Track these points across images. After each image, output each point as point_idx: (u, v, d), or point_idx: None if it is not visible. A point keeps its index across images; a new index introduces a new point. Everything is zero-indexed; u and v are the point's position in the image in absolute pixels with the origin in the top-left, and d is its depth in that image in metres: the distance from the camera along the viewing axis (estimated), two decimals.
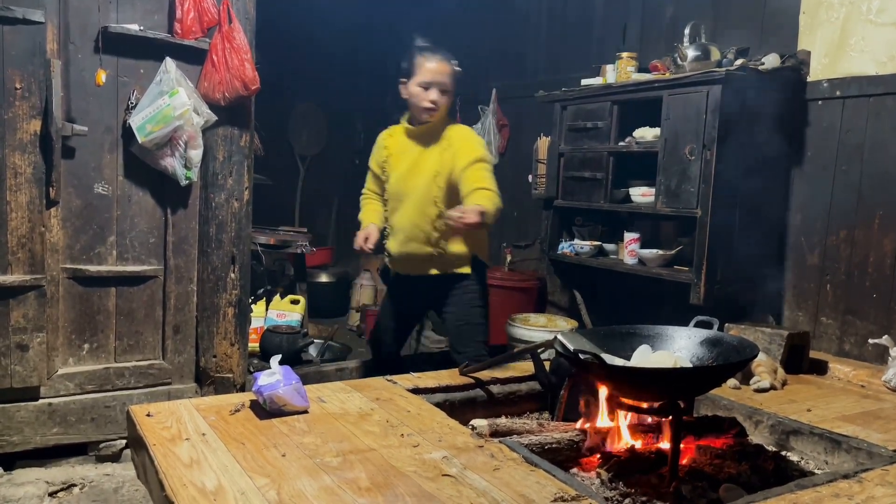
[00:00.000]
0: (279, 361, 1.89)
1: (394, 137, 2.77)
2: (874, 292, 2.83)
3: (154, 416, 1.76)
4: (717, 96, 2.91)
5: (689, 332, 1.94)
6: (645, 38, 3.88)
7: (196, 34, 2.86)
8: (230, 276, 3.08)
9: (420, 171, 2.66)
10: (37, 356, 2.69)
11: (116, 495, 2.62)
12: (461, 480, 1.46)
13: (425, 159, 2.66)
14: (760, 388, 2.27)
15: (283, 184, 5.89)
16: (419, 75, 2.58)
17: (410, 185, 2.67)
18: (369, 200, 2.88)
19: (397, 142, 2.75)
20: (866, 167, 2.86)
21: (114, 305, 2.89)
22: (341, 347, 4.41)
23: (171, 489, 1.38)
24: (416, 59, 2.59)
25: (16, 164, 2.59)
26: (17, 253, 2.62)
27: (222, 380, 3.09)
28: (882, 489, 1.51)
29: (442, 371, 2.31)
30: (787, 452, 1.94)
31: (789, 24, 3.12)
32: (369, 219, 2.78)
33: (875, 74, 2.81)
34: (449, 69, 2.60)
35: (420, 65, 2.58)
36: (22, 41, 2.54)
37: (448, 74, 2.60)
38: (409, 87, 2.63)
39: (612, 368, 1.68)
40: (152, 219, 2.93)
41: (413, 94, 2.62)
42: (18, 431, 2.71)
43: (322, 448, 1.61)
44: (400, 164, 2.72)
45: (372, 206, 2.84)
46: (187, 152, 2.82)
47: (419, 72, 2.58)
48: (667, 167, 3.14)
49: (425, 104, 2.59)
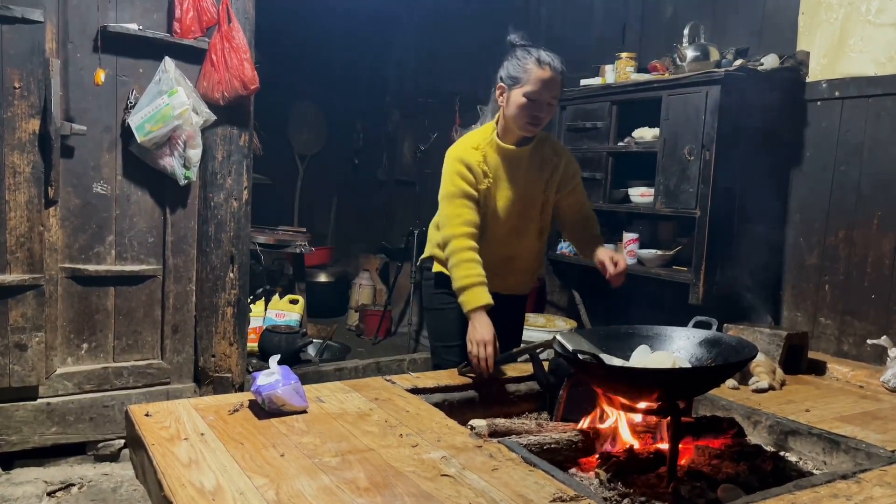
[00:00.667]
0: (278, 361, 1.89)
1: (487, 155, 2.25)
2: (873, 293, 2.83)
3: (152, 415, 1.75)
4: (717, 97, 2.91)
5: (687, 333, 1.94)
6: (644, 38, 3.88)
7: (195, 34, 2.86)
8: (229, 276, 3.08)
9: (529, 191, 2.30)
10: (35, 356, 2.69)
11: (115, 495, 2.62)
12: (460, 480, 1.46)
13: (530, 178, 2.29)
14: (759, 388, 2.27)
15: (282, 183, 5.89)
16: (528, 85, 2.15)
17: (514, 206, 2.28)
18: (471, 252, 2.16)
19: (493, 161, 2.25)
20: (865, 167, 2.86)
21: (112, 305, 2.89)
22: (340, 347, 4.42)
23: (170, 489, 1.38)
24: (526, 65, 2.16)
25: (14, 163, 2.59)
26: (16, 252, 2.62)
27: (221, 379, 3.09)
28: (880, 489, 1.51)
29: (441, 371, 2.30)
30: (786, 453, 1.93)
31: (788, 24, 3.12)
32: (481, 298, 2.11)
33: (874, 75, 2.81)
34: (560, 81, 2.20)
35: (532, 73, 2.14)
36: (21, 40, 2.54)
37: (560, 86, 2.20)
38: (510, 95, 2.20)
39: (610, 369, 1.68)
40: (151, 218, 2.93)
41: (516, 103, 2.18)
42: (17, 431, 2.71)
43: (321, 448, 1.61)
44: (504, 188, 2.26)
45: (477, 269, 2.14)
46: (186, 152, 2.82)
47: (529, 81, 2.15)
48: (666, 167, 3.14)
49: (529, 119, 2.18)
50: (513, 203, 2.27)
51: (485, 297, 2.11)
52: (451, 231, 2.19)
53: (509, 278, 2.39)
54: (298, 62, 5.84)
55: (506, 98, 2.22)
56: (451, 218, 2.20)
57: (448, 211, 2.22)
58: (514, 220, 2.29)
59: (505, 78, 2.22)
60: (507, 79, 2.21)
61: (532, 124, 2.21)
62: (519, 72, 2.17)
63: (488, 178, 2.23)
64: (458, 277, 2.14)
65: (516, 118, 2.20)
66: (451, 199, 2.21)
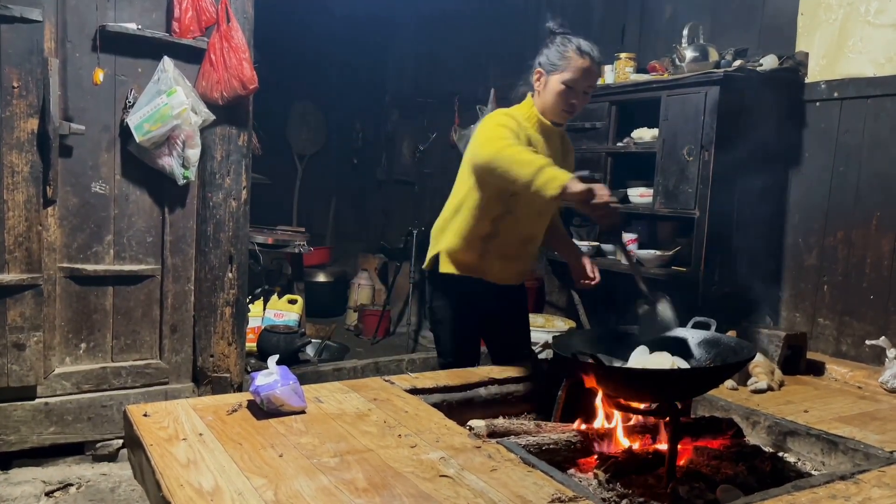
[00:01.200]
0: (276, 361, 1.89)
1: (529, 130, 2.22)
2: (871, 293, 2.84)
3: (151, 415, 1.75)
4: (716, 97, 2.91)
5: (686, 333, 1.94)
6: (643, 38, 3.88)
7: (194, 33, 2.86)
8: (228, 276, 3.07)
9: None
10: (33, 355, 2.68)
11: (113, 495, 2.62)
12: (458, 481, 1.46)
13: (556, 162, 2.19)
14: (758, 388, 2.27)
15: (280, 183, 5.89)
16: (567, 72, 2.16)
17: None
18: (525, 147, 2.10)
19: (535, 138, 2.23)
20: (864, 168, 2.87)
21: (111, 305, 2.88)
22: (339, 347, 4.41)
23: (168, 489, 1.38)
24: (567, 52, 2.16)
25: (13, 162, 2.59)
26: (15, 252, 2.62)
27: (219, 379, 3.09)
28: (879, 490, 1.51)
29: (440, 371, 2.30)
30: (785, 453, 1.94)
31: (788, 25, 3.12)
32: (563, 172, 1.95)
33: (873, 76, 2.82)
34: (598, 71, 2.25)
35: (571, 61, 2.16)
36: (19, 39, 2.53)
37: (597, 77, 2.26)
38: (548, 81, 2.20)
39: (609, 369, 1.68)
40: (150, 218, 2.92)
41: (553, 90, 2.19)
42: (15, 431, 2.70)
43: (319, 448, 1.61)
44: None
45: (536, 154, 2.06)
46: (185, 151, 2.81)
47: (568, 68, 2.16)
48: (665, 168, 3.14)
49: (565, 106, 2.21)
50: None
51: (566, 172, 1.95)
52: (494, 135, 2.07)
53: (520, 263, 2.41)
54: (297, 62, 5.84)
55: (543, 83, 2.22)
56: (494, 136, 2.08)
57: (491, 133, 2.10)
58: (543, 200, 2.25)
59: (544, 63, 2.22)
60: (546, 64, 2.21)
61: (567, 111, 2.23)
62: (559, 58, 2.18)
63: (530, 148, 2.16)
64: (526, 161, 1.97)
65: (552, 104, 2.21)
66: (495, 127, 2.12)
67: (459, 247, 2.29)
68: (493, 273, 2.34)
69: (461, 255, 2.30)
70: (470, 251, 2.29)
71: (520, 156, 1.99)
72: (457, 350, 2.40)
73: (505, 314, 2.45)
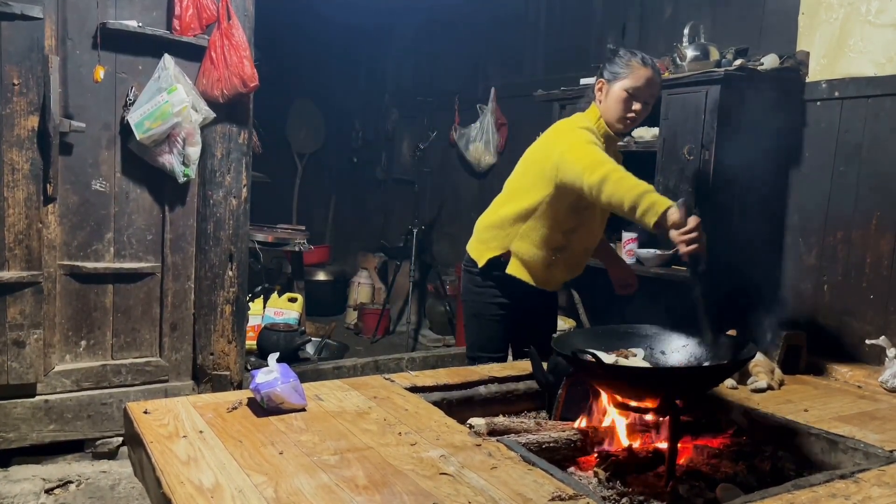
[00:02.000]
0: (276, 359, 1.89)
1: (596, 135, 2.28)
2: (871, 293, 2.84)
3: (151, 413, 1.75)
4: (716, 96, 2.91)
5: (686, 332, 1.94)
6: (644, 37, 3.88)
7: (195, 31, 2.86)
8: (228, 274, 3.07)
9: None
10: (33, 353, 2.68)
11: (113, 492, 2.62)
12: (459, 479, 1.46)
13: None
14: (758, 388, 2.27)
15: (280, 182, 5.89)
16: (629, 80, 2.22)
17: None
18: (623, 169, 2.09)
19: (600, 142, 2.27)
20: (864, 168, 2.86)
21: (111, 302, 2.89)
22: (338, 346, 4.41)
23: (169, 486, 1.38)
24: (630, 61, 2.23)
25: (13, 160, 2.59)
26: (15, 249, 2.62)
27: (219, 377, 3.09)
28: (879, 489, 1.51)
29: (440, 370, 2.30)
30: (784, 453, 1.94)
31: (788, 24, 3.12)
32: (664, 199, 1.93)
33: (874, 76, 2.81)
34: (660, 85, 2.31)
35: (634, 70, 2.22)
36: (20, 37, 2.53)
37: (658, 90, 2.31)
38: (611, 89, 2.25)
39: (609, 368, 1.68)
40: (150, 216, 2.92)
41: (615, 97, 2.24)
42: (15, 428, 2.70)
43: (320, 446, 1.61)
44: None
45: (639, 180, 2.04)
46: (185, 149, 2.81)
47: (631, 76, 2.22)
48: (665, 167, 3.14)
49: (626, 113, 2.25)
50: None
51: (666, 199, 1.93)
52: (595, 158, 2.07)
53: (576, 272, 2.49)
54: (297, 61, 5.84)
55: (605, 92, 2.27)
56: (591, 152, 2.09)
57: (585, 149, 2.12)
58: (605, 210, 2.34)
59: (606, 74, 2.27)
60: (608, 74, 2.27)
61: (629, 119, 2.26)
62: (622, 67, 2.24)
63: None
64: (631, 186, 1.96)
65: (613, 112, 2.26)
66: (585, 143, 2.14)
67: (534, 255, 2.33)
68: (554, 282, 2.42)
69: (533, 264, 2.34)
70: (542, 261, 2.33)
71: (626, 181, 1.98)
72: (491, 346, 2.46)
73: (538, 314, 2.50)
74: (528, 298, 2.40)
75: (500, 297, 2.41)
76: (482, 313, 2.45)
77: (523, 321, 2.45)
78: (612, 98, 2.25)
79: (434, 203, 5.57)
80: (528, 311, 2.44)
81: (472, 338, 2.53)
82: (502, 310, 2.42)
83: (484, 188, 4.98)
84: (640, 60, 2.23)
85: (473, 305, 2.48)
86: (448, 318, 4.96)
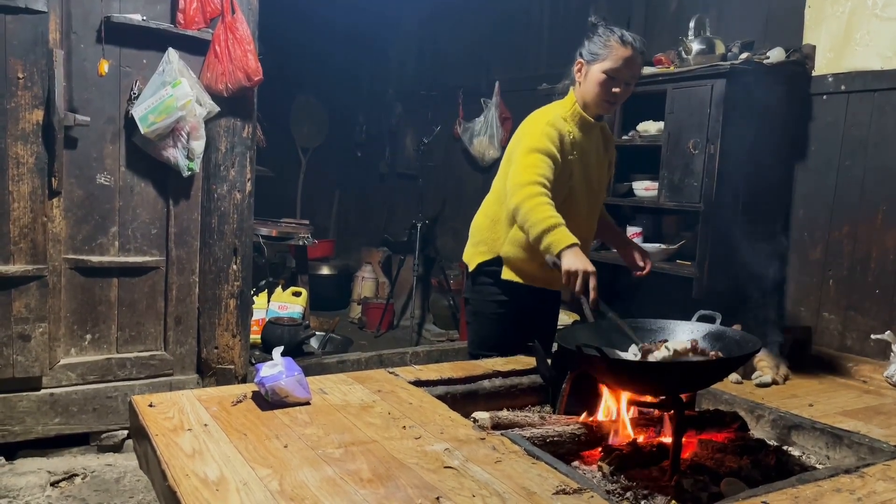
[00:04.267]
0: (280, 353, 1.89)
1: (571, 128, 2.21)
2: (877, 288, 2.83)
3: (156, 406, 1.76)
4: (722, 90, 2.90)
5: (691, 327, 1.94)
6: (649, 31, 3.86)
7: (199, 24, 2.85)
8: (232, 268, 3.08)
9: (599, 170, 2.30)
10: (39, 346, 2.69)
11: (118, 485, 2.63)
12: (463, 472, 1.46)
13: (599, 157, 2.29)
14: (762, 382, 2.27)
15: (284, 176, 5.89)
16: (608, 61, 2.12)
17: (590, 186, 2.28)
18: (547, 197, 2.06)
19: (577, 135, 2.21)
20: (870, 162, 2.85)
21: (116, 296, 2.89)
22: (342, 340, 4.42)
23: (174, 479, 1.38)
24: (608, 40, 2.13)
25: (18, 154, 2.59)
26: (20, 243, 2.62)
27: (224, 371, 3.10)
28: (884, 484, 1.51)
29: (444, 364, 2.30)
30: (789, 447, 1.93)
31: (794, 18, 3.11)
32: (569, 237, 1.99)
33: (880, 69, 2.80)
34: (641, 62, 2.21)
35: (613, 49, 2.12)
36: (24, 30, 2.53)
37: (640, 67, 2.22)
38: (589, 70, 2.16)
39: (614, 362, 1.68)
40: (154, 210, 2.93)
41: (594, 80, 2.15)
42: (20, 421, 2.72)
43: (324, 439, 1.61)
44: (587, 164, 2.25)
45: (555, 212, 2.05)
46: (190, 143, 2.81)
47: (610, 57, 2.12)
48: (670, 161, 3.13)
49: (606, 96, 2.18)
50: (592, 179, 2.27)
51: (572, 237, 1.99)
52: (525, 178, 2.07)
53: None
54: (301, 55, 5.83)
55: (584, 73, 2.19)
56: (528, 167, 2.08)
57: (526, 161, 2.10)
58: (594, 198, 2.30)
59: (585, 54, 2.19)
60: (587, 55, 2.18)
61: (609, 102, 2.20)
62: (600, 48, 2.14)
63: (575, 151, 2.19)
64: (538, 220, 2.00)
65: (594, 95, 2.18)
66: (533, 152, 2.11)
67: (524, 259, 2.29)
68: (553, 280, 2.31)
69: (525, 265, 2.29)
70: (534, 262, 2.26)
71: (537, 212, 2.01)
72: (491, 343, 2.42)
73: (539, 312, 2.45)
74: (530, 296, 2.36)
75: (499, 295, 2.38)
76: (482, 311, 2.44)
77: (524, 319, 2.41)
78: (590, 80, 2.17)
79: (438, 197, 5.56)
80: (528, 309, 2.40)
81: (472, 335, 2.52)
82: (502, 308, 2.38)
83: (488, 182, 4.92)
84: (620, 39, 2.13)
85: (474, 303, 2.47)
86: (452, 312, 4.96)
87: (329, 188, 6.56)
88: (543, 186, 2.05)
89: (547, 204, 2.03)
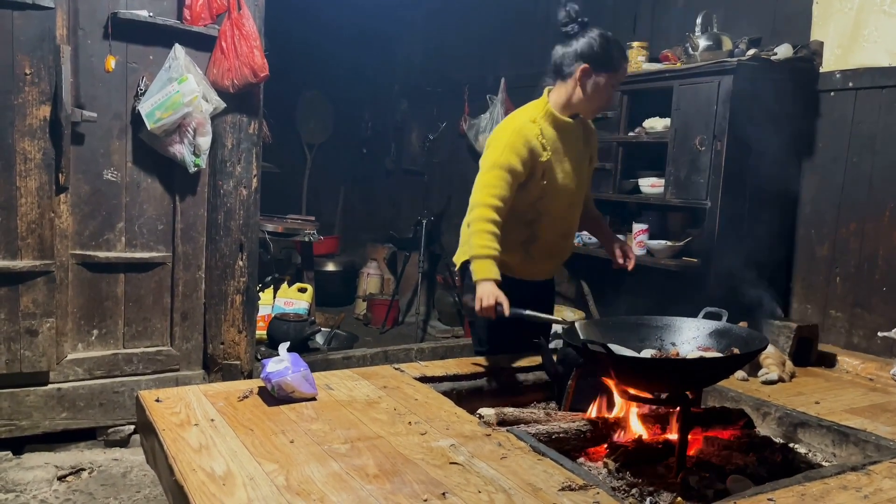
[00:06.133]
0: (286, 349, 1.90)
1: (543, 129, 2.25)
2: (884, 285, 2.82)
3: (163, 401, 1.77)
4: (729, 87, 2.89)
5: (697, 324, 1.94)
6: (656, 27, 3.85)
7: (205, 21, 2.85)
8: (238, 264, 3.08)
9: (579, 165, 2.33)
10: (46, 341, 2.70)
11: (125, 480, 2.64)
12: (469, 468, 1.46)
13: (579, 152, 2.33)
14: (768, 380, 2.26)
15: (290, 172, 5.89)
16: (617, 74, 2.23)
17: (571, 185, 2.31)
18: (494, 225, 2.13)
19: (549, 134, 2.25)
20: (878, 159, 2.84)
21: (122, 292, 2.90)
22: (348, 336, 4.42)
23: (181, 474, 1.39)
24: (616, 55, 2.23)
25: (25, 149, 2.60)
26: (27, 238, 2.63)
27: (230, 366, 3.11)
28: (890, 482, 1.51)
29: (449, 360, 2.31)
30: (795, 444, 1.93)
31: (802, 14, 3.09)
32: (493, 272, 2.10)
33: (888, 66, 2.79)
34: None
35: (620, 64, 2.24)
36: (32, 27, 2.54)
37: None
38: (596, 79, 2.21)
39: (620, 359, 1.68)
40: (161, 205, 2.93)
41: (600, 88, 2.22)
42: (27, 416, 2.73)
43: (330, 435, 1.62)
44: (562, 162, 2.27)
45: (495, 243, 2.12)
46: (196, 139, 2.82)
47: (619, 71, 2.24)
48: (676, 158, 3.12)
49: (605, 103, 2.33)
50: (569, 176, 2.29)
51: (496, 273, 2.10)
52: (480, 199, 2.16)
53: (561, 257, 2.48)
54: (306, 51, 5.82)
55: (590, 81, 2.22)
56: (486, 187, 2.16)
57: (485, 179, 2.17)
58: (571, 194, 2.32)
59: (593, 61, 2.21)
60: (595, 62, 2.20)
61: (604, 108, 2.38)
62: (610, 60, 2.21)
63: (547, 151, 2.22)
64: (476, 245, 2.12)
65: (593, 101, 2.25)
66: (494, 168, 2.16)
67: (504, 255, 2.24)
68: (536, 272, 2.40)
69: (506, 258, 2.26)
70: (513, 256, 2.28)
71: (478, 237, 2.12)
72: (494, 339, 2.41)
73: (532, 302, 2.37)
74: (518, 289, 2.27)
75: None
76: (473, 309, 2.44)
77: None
78: (597, 89, 2.22)
79: (443, 194, 5.56)
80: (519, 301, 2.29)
81: (474, 335, 2.53)
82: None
83: None
84: (621, 52, 2.26)
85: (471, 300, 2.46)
86: (457, 309, 4.96)
87: (335, 184, 6.56)
88: (495, 210, 2.13)
89: (488, 233, 2.12)
